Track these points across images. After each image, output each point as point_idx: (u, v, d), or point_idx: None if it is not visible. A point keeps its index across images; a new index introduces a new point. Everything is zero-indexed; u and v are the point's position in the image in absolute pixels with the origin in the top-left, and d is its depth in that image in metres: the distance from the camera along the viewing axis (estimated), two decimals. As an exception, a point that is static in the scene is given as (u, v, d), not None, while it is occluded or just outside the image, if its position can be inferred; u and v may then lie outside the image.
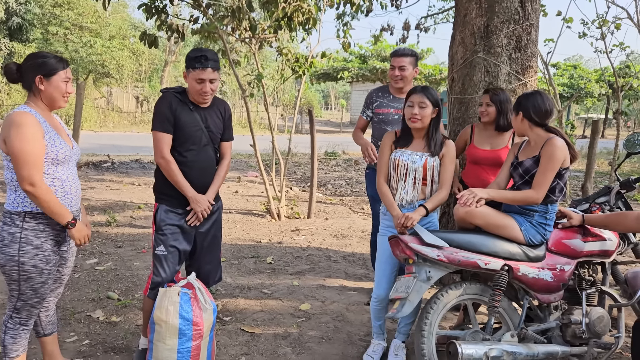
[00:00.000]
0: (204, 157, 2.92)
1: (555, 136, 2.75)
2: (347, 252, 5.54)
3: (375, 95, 3.91)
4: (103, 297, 3.96)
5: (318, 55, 6.84)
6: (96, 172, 10.28)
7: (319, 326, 3.65)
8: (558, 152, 2.68)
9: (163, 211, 2.90)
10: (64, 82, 2.43)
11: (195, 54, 2.78)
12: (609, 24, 9.00)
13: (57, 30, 21.16)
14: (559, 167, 2.71)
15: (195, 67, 2.76)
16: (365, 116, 3.96)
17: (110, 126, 21.79)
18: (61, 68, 2.42)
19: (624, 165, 13.81)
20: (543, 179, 2.69)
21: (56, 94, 2.42)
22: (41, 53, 2.44)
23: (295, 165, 12.97)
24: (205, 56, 2.77)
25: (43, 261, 2.42)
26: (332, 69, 27.17)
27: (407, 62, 3.71)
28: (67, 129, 2.65)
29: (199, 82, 2.78)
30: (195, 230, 2.99)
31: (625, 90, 11.79)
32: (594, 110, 39.06)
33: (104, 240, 5.48)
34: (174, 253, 2.90)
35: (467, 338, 2.69)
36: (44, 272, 2.43)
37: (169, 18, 5.88)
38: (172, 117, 2.80)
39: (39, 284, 2.44)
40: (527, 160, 2.81)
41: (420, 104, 2.88)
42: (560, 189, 2.77)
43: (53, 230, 2.45)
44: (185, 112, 2.85)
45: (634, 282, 3.20)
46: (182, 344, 2.67)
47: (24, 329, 2.50)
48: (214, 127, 2.95)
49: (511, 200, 2.75)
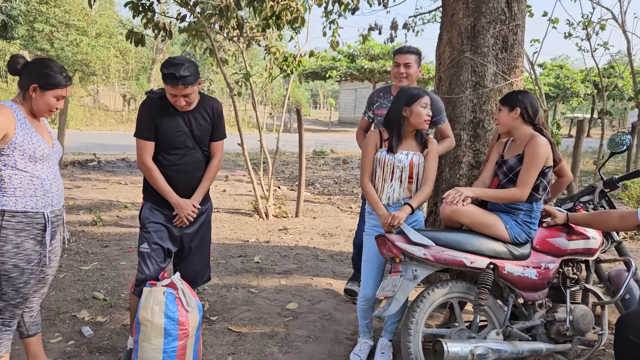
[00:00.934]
0: (189, 160, 2.88)
1: (539, 134, 2.79)
2: (335, 251, 5.54)
3: (376, 95, 3.86)
4: (88, 297, 3.93)
5: (306, 54, 6.83)
6: (82, 171, 10.18)
7: (306, 325, 3.65)
8: (541, 150, 2.71)
9: (148, 209, 2.90)
10: (57, 98, 2.43)
11: (166, 70, 2.66)
12: (594, 25, 9.11)
13: (43, 28, 20.91)
14: (543, 166, 2.74)
15: (166, 82, 2.69)
16: (367, 117, 3.93)
17: (97, 125, 21.59)
18: (60, 86, 2.41)
19: (608, 164, 13.98)
20: (527, 177, 2.72)
21: (43, 107, 2.43)
22: (49, 64, 2.42)
23: (283, 164, 12.95)
24: (173, 75, 2.63)
25: (24, 260, 2.39)
26: (321, 68, 27.17)
27: (413, 60, 3.59)
28: (50, 127, 2.64)
29: (172, 97, 2.73)
30: (182, 231, 2.96)
31: (610, 90, 11.94)
32: (580, 110, 39.47)
33: (90, 240, 5.43)
34: (158, 251, 2.88)
35: (453, 336, 2.71)
36: (25, 272, 2.41)
37: (156, 16, 5.83)
38: (152, 123, 2.76)
39: (20, 284, 2.41)
40: (511, 158, 2.83)
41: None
42: (543, 188, 2.79)
43: (33, 229, 2.42)
44: (167, 117, 2.79)
45: (617, 280, 3.25)
46: (168, 343, 2.65)
47: (7, 330, 2.47)
48: (198, 130, 2.88)
49: (495, 198, 2.78)
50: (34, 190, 2.39)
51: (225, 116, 10.10)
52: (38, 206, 2.42)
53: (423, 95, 2.92)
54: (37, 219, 2.42)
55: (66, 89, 2.45)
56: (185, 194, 2.90)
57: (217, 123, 2.97)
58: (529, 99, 2.84)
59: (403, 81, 3.66)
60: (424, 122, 2.92)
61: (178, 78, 2.64)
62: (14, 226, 2.35)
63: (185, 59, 2.74)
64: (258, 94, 7.52)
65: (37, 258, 2.46)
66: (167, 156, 2.83)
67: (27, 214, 2.38)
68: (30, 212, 2.40)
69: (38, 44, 20.79)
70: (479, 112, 3.98)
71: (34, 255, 2.44)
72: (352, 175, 11.64)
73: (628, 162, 9.69)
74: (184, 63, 2.68)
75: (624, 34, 9.00)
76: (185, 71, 2.64)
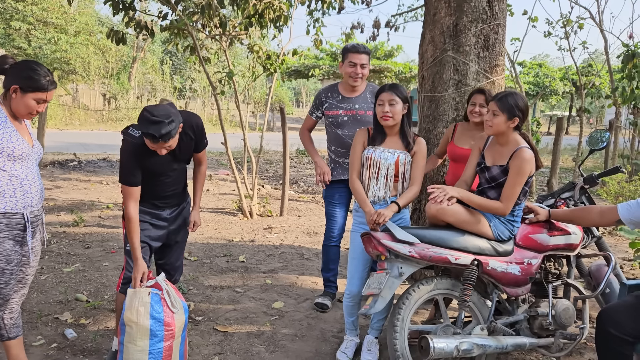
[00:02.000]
0: (176, 178, 2.94)
1: (525, 146, 2.76)
2: (320, 250, 5.53)
3: (324, 95, 3.79)
4: (71, 299, 3.88)
5: (289, 52, 6.82)
6: (62, 171, 10.03)
7: (292, 324, 3.65)
8: (527, 166, 2.71)
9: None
10: (37, 102, 2.40)
11: (144, 129, 2.50)
12: (573, 24, 9.26)
13: (19, 26, 20.49)
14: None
15: (146, 137, 2.56)
16: (314, 116, 3.87)
17: (77, 124, 21.27)
18: (41, 90, 2.38)
19: (587, 161, 14.23)
20: (511, 192, 2.73)
21: (22, 109, 2.40)
22: (34, 67, 2.39)
23: (267, 163, 12.92)
24: (153, 135, 2.50)
25: (4, 261, 2.37)
26: (304, 66, 27.11)
27: (366, 60, 3.58)
28: (30, 129, 2.62)
29: (154, 148, 2.64)
30: (168, 227, 2.99)
31: (588, 89, 12.14)
32: (559, 107, 40.05)
33: (72, 241, 5.36)
34: (145, 248, 2.89)
35: (439, 332, 2.74)
36: (5, 272, 2.39)
37: (137, 14, 5.77)
38: (137, 167, 2.72)
39: (1, 285, 2.39)
40: (495, 167, 2.83)
41: (390, 101, 2.92)
42: (524, 193, 2.83)
43: (13, 229, 2.40)
44: (152, 157, 2.73)
45: (597, 275, 3.31)
46: (154, 344, 2.63)
47: None
48: (185, 153, 2.91)
49: (478, 207, 2.79)
50: (13, 191, 2.37)
51: (207, 115, 10.03)
52: (18, 207, 2.40)
53: (380, 92, 2.96)
54: (16, 219, 2.41)
55: (47, 93, 2.42)
56: (171, 198, 2.97)
57: (199, 138, 2.95)
58: (524, 105, 2.78)
59: (358, 81, 3.63)
60: (380, 119, 2.96)
61: (159, 137, 2.52)
62: None
63: (165, 110, 2.56)
64: (241, 92, 7.49)
65: (17, 258, 2.43)
66: (157, 183, 2.87)
67: (6, 215, 2.36)
68: (10, 213, 2.38)
69: (15, 42, 20.37)
70: (462, 110, 4.02)
71: (13, 255, 2.41)
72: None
73: (606, 159, 9.88)
74: (164, 120, 2.51)
75: (602, 33, 9.16)
76: (165, 129, 2.51)
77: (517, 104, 2.74)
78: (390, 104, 2.92)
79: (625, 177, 8.11)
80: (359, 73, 3.57)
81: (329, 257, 3.97)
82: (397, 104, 2.92)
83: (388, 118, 2.93)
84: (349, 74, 3.61)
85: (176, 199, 3.01)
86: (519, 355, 3.28)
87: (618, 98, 9.04)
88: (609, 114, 25.63)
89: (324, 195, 3.92)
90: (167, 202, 2.97)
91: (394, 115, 2.93)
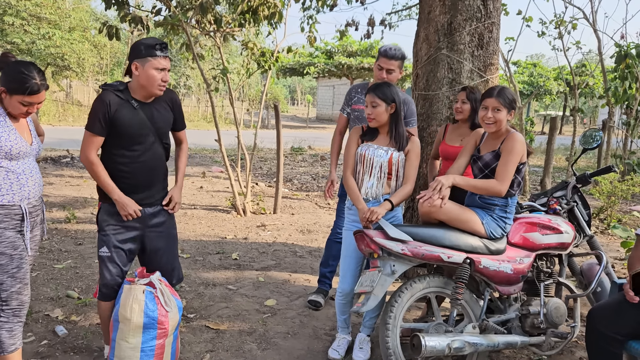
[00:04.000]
0: (151, 155, 2.77)
1: (516, 131, 2.85)
2: (313, 247, 5.55)
3: (354, 91, 3.84)
4: (62, 296, 3.86)
5: (284, 49, 6.81)
6: (55, 167, 9.98)
7: (284, 321, 3.64)
8: (519, 146, 2.77)
9: (105, 210, 2.76)
10: (23, 104, 2.41)
11: (153, 42, 2.63)
12: (567, 24, 9.29)
13: (13, 21, 20.33)
14: (518, 162, 2.78)
15: (155, 55, 2.61)
16: (345, 113, 3.86)
17: (70, 120, 21.16)
18: (26, 94, 2.38)
19: (580, 160, 14.30)
20: (505, 171, 2.76)
21: (12, 110, 2.43)
22: (22, 69, 2.38)
23: (261, 160, 12.90)
24: (165, 43, 2.65)
25: (9, 247, 2.42)
26: (298, 64, 27.10)
27: (396, 66, 3.55)
28: (32, 125, 2.64)
29: (160, 71, 2.64)
30: (144, 231, 2.82)
31: (582, 88, 12.20)
32: (552, 107, 40.23)
33: (63, 238, 5.33)
34: (119, 253, 2.76)
35: (431, 330, 2.74)
36: (14, 258, 2.43)
37: (131, 9, 5.73)
38: (107, 118, 2.63)
39: (14, 269, 2.43)
40: (487, 154, 2.87)
41: (372, 103, 2.93)
42: (517, 183, 2.84)
43: (12, 220, 2.45)
44: (128, 111, 2.67)
45: (589, 274, 3.33)
46: (146, 342, 2.62)
47: (19, 321, 2.48)
48: (161, 122, 2.79)
49: (474, 188, 2.79)
50: (9, 185, 2.42)
51: (202, 112, 10.00)
52: (15, 200, 2.45)
53: (366, 93, 2.99)
54: (14, 210, 2.45)
55: (33, 96, 2.41)
56: (147, 189, 2.79)
57: (178, 113, 2.93)
58: (512, 96, 2.86)
59: None
60: (366, 119, 2.99)
61: (167, 47, 2.65)
62: None
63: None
64: (235, 89, 7.46)
65: (22, 244, 2.48)
66: (128, 152, 2.71)
67: (4, 207, 2.41)
68: (7, 205, 2.42)
69: (9, 37, 20.21)
70: (456, 109, 4.02)
71: (18, 241, 2.46)
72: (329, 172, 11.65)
73: (599, 158, 9.93)
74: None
75: (595, 33, 9.20)
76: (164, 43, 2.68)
77: (513, 97, 2.85)
78: (372, 106, 2.94)
79: (618, 177, 8.16)
80: (384, 77, 3.55)
81: (331, 253, 3.97)
82: (379, 105, 2.93)
83: (371, 120, 2.96)
84: (376, 76, 3.64)
85: (155, 192, 2.82)
86: (510, 354, 3.29)
87: (611, 98, 9.09)
88: (602, 114, 25.76)
89: (339, 193, 3.96)
90: (145, 194, 2.78)
91: (376, 117, 2.94)
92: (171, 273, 2.97)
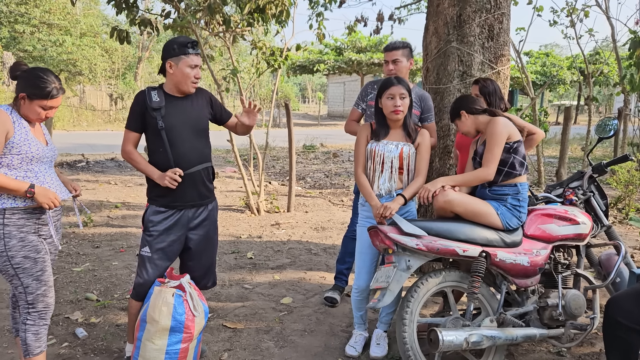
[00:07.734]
0: (197, 146, 2.85)
1: (496, 117, 2.87)
2: (328, 245, 5.55)
3: (370, 87, 3.81)
4: (81, 299, 3.90)
5: (293, 47, 6.80)
6: (71, 171, 10.09)
7: (301, 319, 3.65)
8: (499, 128, 2.79)
9: (152, 212, 2.81)
10: (44, 108, 2.47)
11: (185, 40, 2.73)
12: (578, 12, 9.16)
13: (24, 29, 20.61)
14: (505, 142, 2.79)
15: (188, 52, 2.72)
16: (359, 108, 3.84)
17: (84, 125, 21.39)
18: (45, 97, 2.44)
19: (595, 150, 14.11)
20: (490, 156, 2.78)
21: (31, 115, 2.49)
22: (40, 74, 2.45)
23: (273, 159, 12.93)
24: (195, 41, 2.76)
25: (33, 251, 2.46)
26: (308, 61, 27.09)
27: (400, 55, 3.55)
28: (46, 130, 2.70)
29: (193, 68, 2.75)
30: (188, 232, 2.87)
31: (596, 77, 12.01)
32: (566, 97, 39.74)
33: (81, 241, 5.39)
34: (161, 255, 2.81)
35: (448, 325, 2.73)
36: (38, 261, 2.47)
37: (140, 13, 5.77)
38: (143, 112, 2.76)
39: (38, 272, 2.47)
40: (480, 146, 2.93)
41: (401, 95, 2.91)
42: (520, 163, 2.83)
43: (34, 224, 2.50)
44: (171, 105, 2.79)
45: (607, 264, 3.28)
46: (171, 345, 2.64)
47: (44, 324, 2.53)
48: (199, 109, 2.89)
49: (464, 183, 2.86)
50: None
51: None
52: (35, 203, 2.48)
53: (389, 86, 2.93)
54: (36, 214, 2.50)
55: (53, 100, 2.47)
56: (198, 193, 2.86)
57: (219, 108, 3.04)
58: (466, 102, 2.97)
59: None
60: (391, 113, 2.95)
61: (197, 44, 2.75)
62: (15, 222, 2.42)
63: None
64: (246, 89, 7.48)
65: (45, 248, 2.53)
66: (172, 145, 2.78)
67: (26, 210, 2.45)
68: (30, 208, 2.47)
69: (21, 45, 20.49)
70: (467, 102, 3.99)
71: (40, 245, 2.50)
72: (342, 169, 11.65)
73: (615, 147, 9.79)
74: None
75: (608, 20, 9.06)
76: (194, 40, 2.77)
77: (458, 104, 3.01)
78: (401, 98, 2.91)
79: (635, 165, 8.03)
80: (391, 69, 3.56)
81: (347, 250, 3.97)
82: (406, 97, 2.93)
83: (399, 112, 2.93)
84: (386, 72, 3.64)
85: (199, 191, 2.85)
86: (529, 347, 3.26)
87: (626, 85, 8.93)
88: (618, 102, 25.38)
89: (355, 190, 3.95)
90: (188, 194, 2.81)
91: (405, 109, 2.93)
92: (207, 275, 3.05)
